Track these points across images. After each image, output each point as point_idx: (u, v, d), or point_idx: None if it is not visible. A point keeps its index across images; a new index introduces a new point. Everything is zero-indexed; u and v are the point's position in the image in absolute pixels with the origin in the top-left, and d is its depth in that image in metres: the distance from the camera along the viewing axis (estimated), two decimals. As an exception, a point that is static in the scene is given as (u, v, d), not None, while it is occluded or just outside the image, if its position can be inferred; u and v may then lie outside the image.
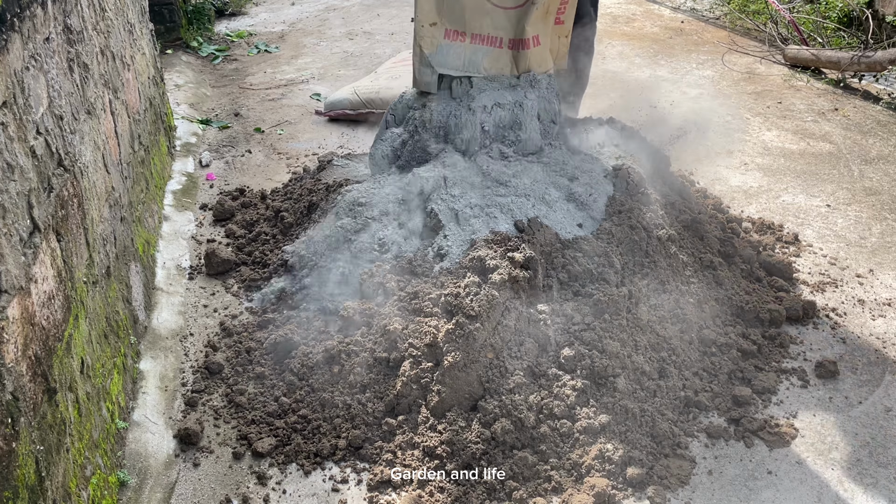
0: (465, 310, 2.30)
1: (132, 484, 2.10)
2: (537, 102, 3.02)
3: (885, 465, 2.18)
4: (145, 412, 2.35)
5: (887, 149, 3.98)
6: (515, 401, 2.23)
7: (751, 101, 4.65)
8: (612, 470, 2.13)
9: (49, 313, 1.69)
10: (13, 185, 1.54)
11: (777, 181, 3.73)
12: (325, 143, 4.34)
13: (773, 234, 3.26)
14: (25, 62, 1.70)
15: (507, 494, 2.09)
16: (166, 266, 3.09)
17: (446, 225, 2.73)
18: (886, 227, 3.29)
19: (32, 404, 1.53)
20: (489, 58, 2.92)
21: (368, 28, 6.54)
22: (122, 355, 2.32)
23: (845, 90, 4.73)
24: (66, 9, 2.19)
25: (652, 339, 2.47)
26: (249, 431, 2.32)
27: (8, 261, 1.47)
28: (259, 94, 5.13)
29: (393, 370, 2.41)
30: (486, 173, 2.87)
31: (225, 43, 6.19)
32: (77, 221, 2.00)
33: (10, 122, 1.55)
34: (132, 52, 3.30)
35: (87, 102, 2.29)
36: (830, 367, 2.49)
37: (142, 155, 3.19)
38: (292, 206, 3.39)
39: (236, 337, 2.71)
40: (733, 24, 6.03)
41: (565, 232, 2.73)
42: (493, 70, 2.95)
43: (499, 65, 2.95)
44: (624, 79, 5.12)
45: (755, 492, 2.10)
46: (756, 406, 2.38)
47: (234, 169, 4.07)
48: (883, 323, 2.73)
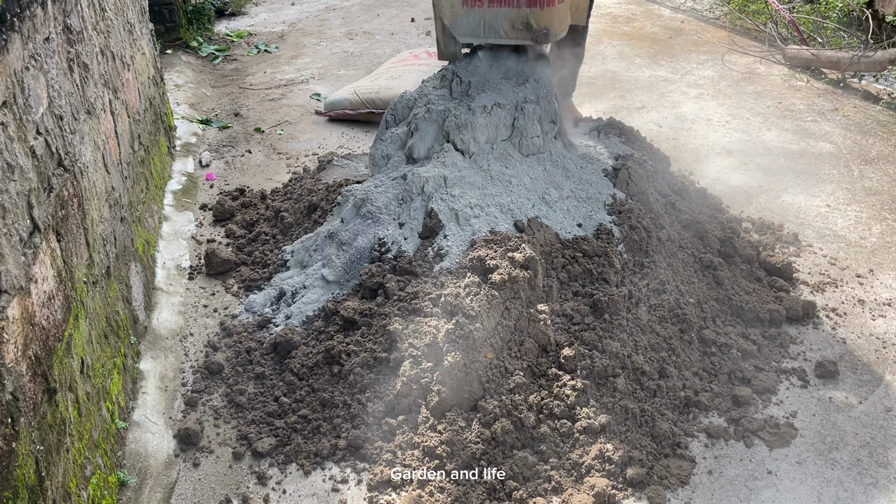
0: (465, 310, 2.30)
1: (132, 484, 2.10)
2: (537, 102, 3.02)
3: (885, 465, 2.18)
4: (145, 412, 2.35)
5: (887, 149, 3.98)
6: (515, 401, 2.23)
7: (751, 101, 4.66)
8: (612, 470, 2.13)
9: (49, 313, 1.69)
10: (13, 185, 1.54)
11: (777, 181, 3.73)
12: (325, 143, 4.34)
13: (773, 234, 3.26)
14: (25, 62, 1.70)
15: (507, 494, 2.09)
16: (166, 266, 3.09)
17: (446, 225, 2.73)
18: (886, 227, 3.30)
19: (32, 404, 1.52)
20: (508, 19, 2.91)
21: (368, 28, 6.54)
22: (122, 355, 2.32)
23: (845, 90, 4.73)
24: (66, 9, 2.19)
25: (652, 339, 2.47)
26: (249, 431, 2.32)
27: (8, 261, 1.47)
28: (259, 94, 5.13)
29: (393, 370, 2.41)
30: (486, 173, 2.87)
31: (225, 43, 6.19)
32: (77, 221, 2.00)
33: (10, 122, 1.55)
34: (132, 52, 3.30)
35: (87, 102, 2.29)
36: (830, 367, 2.49)
37: (142, 155, 3.19)
38: (292, 206, 3.39)
39: (236, 337, 2.71)
40: (733, 24, 6.03)
41: (565, 232, 2.73)
42: (512, 35, 2.95)
43: (518, 25, 2.93)
44: (622, 79, 5.12)
45: (755, 492, 2.10)
46: (756, 406, 2.38)
47: (234, 169, 4.07)
48: (883, 323, 2.74)
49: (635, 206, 2.86)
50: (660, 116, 4.49)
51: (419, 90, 3.26)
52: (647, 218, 2.85)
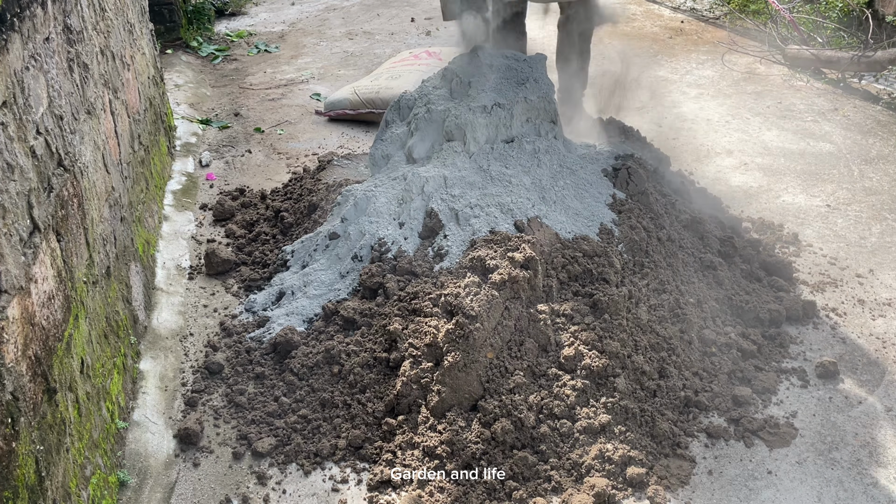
0: (465, 310, 2.30)
1: (132, 484, 2.10)
2: (538, 103, 3.02)
3: (885, 465, 2.18)
4: (145, 412, 2.35)
5: (887, 149, 3.98)
6: (515, 401, 2.23)
7: (751, 101, 4.66)
8: (612, 470, 2.13)
9: (49, 313, 1.69)
10: (13, 185, 1.54)
11: (777, 181, 3.73)
12: (325, 143, 4.34)
13: (773, 234, 3.26)
14: (25, 62, 1.70)
15: (507, 494, 2.09)
16: (166, 266, 3.09)
17: (446, 225, 2.73)
18: (886, 227, 3.29)
19: (32, 404, 1.52)
20: None
21: (368, 28, 6.54)
22: (122, 355, 2.32)
23: (845, 90, 4.73)
24: (66, 9, 2.19)
25: (652, 339, 2.47)
26: (249, 431, 2.32)
27: (8, 261, 1.47)
28: (259, 94, 5.13)
29: (393, 370, 2.40)
30: (486, 173, 2.87)
31: (225, 43, 6.19)
32: (77, 221, 2.00)
33: (10, 122, 1.55)
34: (132, 51, 3.30)
35: (87, 102, 2.29)
36: (830, 367, 2.49)
37: (142, 155, 3.19)
38: (292, 206, 3.39)
39: (236, 337, 2.71)
40: (733, 24, 6.03)
41: (565, 232, 2.72)
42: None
43: None
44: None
45: (755, 492, 2.10)
46: (756, 406, 2.38)
47: (234, 169, 4.07)
48: (883, 323, 2.73)
49: (635, 206, 2.86)
50: (659, 116, 4.49)
51: (419, 90, 3.26)
52: (646, 218, 2.85)
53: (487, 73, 3.11)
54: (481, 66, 3.14)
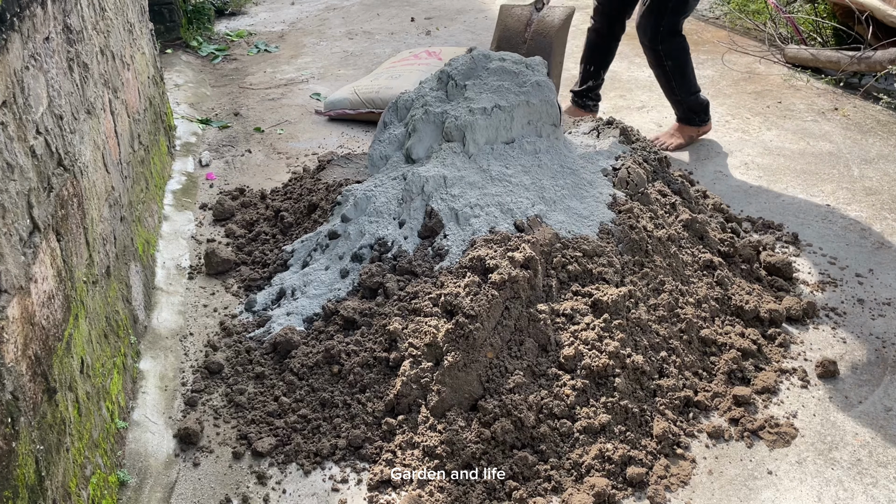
0: (464, 310, 2.30)
1: (132, 483, 2.10)
2: (538, 104, 3.02)
3: (885, 464, 2.18)
4: (145, 412, 2.35)
5: (887, 149, 3.98)
6: (515, 400, 2.23)
7: (751, 101, 4.65)
8: (612, 470, 2.13)
9: (49, 313, 1.69)
10: (13, 185, 1.54)
11: (777, 181, 3.73)
12: (325, 142, 4.34)
13: (773, 233, 3.26)
14: (25, 62, 1.70)
15: (506, 494, 2.09)
16: (166, 266, 3.09)
17: (446, 224, 2.73)
18: (886, 227, 3.29)
19: (32, 404, 1.52)
20: None
21: (368, 28, 6.54)
22: (122, 355, 2.32)
23: (845, 90, 4.73)
24: (66, 8, 2.19)
25: (652, 339, 2.47)
26: (249, 431, 2.32)
27: (8, 261, 1.47)
28: (259, 94, 5.13)
29: (393, 370, 2.40)
30: (485, 173, 2.87)
31: (225, 42, 6.19)
32: (77, 221, 2.00)
33: (9, 122, 1.55)
34: (132, 51, 3.30)
35: (87, 102, 2.29)
36: (830, 367, 2.49)
37: (141, 154, 3.19)
38: (292, 205, 3.39)
39: (236, 337, 2.71)
40: (733, 24, 6.03)
41: (565, 231, 2.72)
42: None
43: None
44: (622, 78, 5.12)
45: (755, 492, 2.10)
46: (756, 406, 2.38)
47: (233, 169, 4.07)
48: (883, 323, 2.73)
49: (635, 206, 2.86)
50: (660, 116, 4.49)
51: (416, 91, 3.26)
52: (646, 218, 2.85)
53: (486, 76, 3.11)
54: (478, 68, 3.14)
